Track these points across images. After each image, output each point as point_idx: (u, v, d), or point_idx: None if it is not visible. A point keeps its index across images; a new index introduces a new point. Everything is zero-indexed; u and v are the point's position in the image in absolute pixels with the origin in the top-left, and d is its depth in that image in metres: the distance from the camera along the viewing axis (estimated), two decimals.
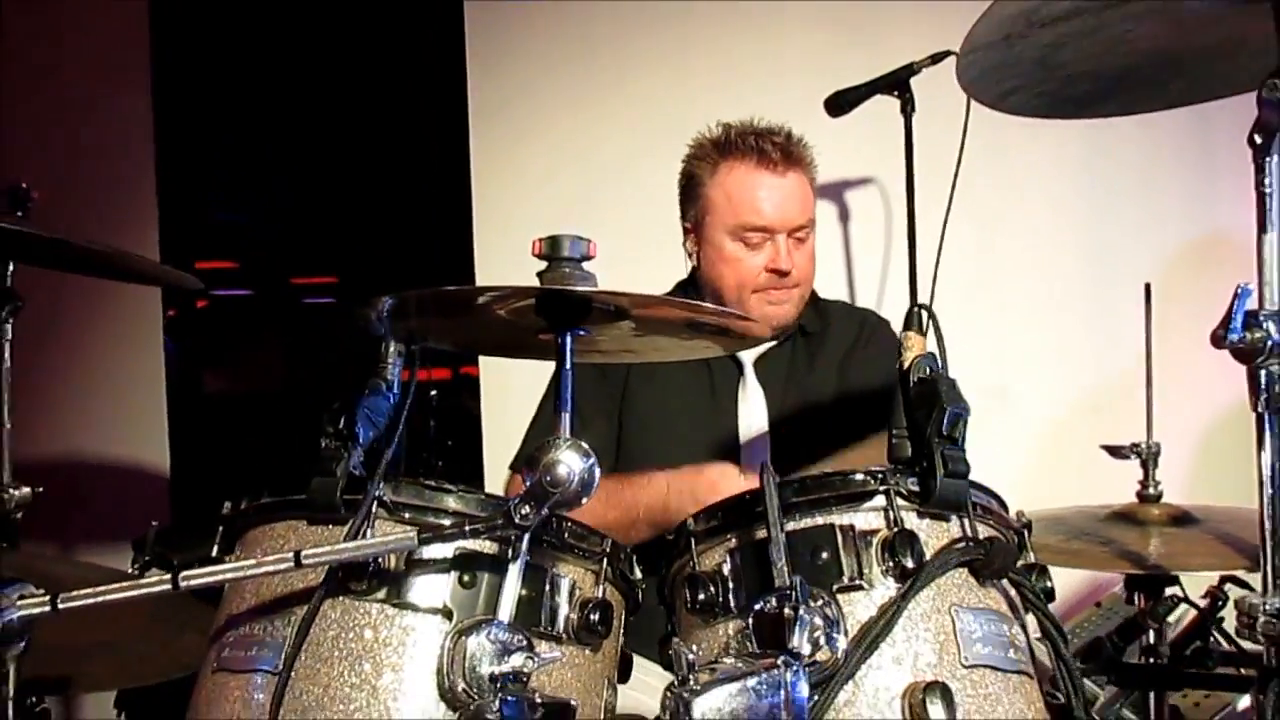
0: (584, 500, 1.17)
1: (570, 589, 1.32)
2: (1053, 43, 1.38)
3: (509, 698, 1.06)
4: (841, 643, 1.18)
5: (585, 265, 1.20)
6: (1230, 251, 2.74)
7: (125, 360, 3.26)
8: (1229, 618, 1.79)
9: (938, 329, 1.37)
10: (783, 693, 1.02)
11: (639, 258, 2.42)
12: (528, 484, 1.17)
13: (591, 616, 1.32)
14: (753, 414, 2.27)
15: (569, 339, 1.21)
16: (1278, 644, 1.26)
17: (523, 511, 1.16)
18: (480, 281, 3.18)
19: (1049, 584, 1.33)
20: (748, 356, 2.29)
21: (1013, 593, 1.30)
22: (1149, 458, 1.76)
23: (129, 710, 2.05)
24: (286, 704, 1.21)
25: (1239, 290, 1.26)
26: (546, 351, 1.26)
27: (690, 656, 1.05)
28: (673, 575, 1.40)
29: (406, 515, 1.28)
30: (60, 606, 1.20)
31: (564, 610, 1.31)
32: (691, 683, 1.03)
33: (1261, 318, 1.26)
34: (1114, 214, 3.04)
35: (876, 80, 2.73)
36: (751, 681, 1.03)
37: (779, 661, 1.06)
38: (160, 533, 1.41)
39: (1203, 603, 1.73)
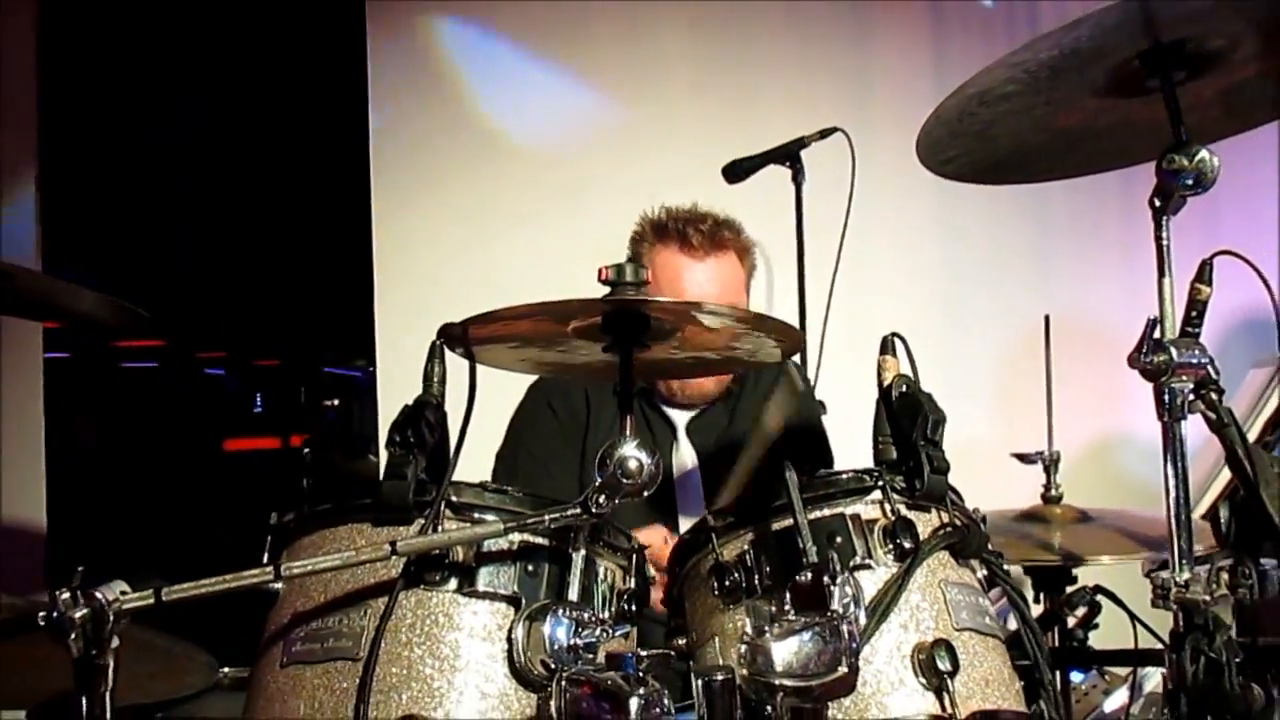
0: (649, 491, 1.35)
1: (610, 579, 1.50)
2: (991, 119, 1.68)
3: (626, 654, 1.22)
4: (861, 612, 1.39)
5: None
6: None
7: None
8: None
9: (909, 352, 1.63)
10: (841, 636, 1.23)
11: None
12: (599, 478, 1.34)
13: (627, 605, 1.50)
14: (688, 477, 2.44)
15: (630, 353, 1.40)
16: (1186, 609, 1.55)
17: (599, 501, 1.34)
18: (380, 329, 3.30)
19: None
20: (680, 419, 2.47)
21: (980, 571, 1.55)
22: (1051, 464, 2.08)
23: None
24: (372, 684, 1.33)
25: (1150, 321, 1.57)
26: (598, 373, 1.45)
27: (769, 610, 1.25)
28: (691, 568, 1.59)
29: (473, 514, 1.43)
30: (165, 599, 1.29)
31: (607, 597, 1.48)
32: (769, 634, 1.23)
33: (1165, 344, 1.57)
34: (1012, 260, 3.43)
35: (770, 151, 3.03)
36: (816, 629, 1.23)
37: (831, 615, 1.27)
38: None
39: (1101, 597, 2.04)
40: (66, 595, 1.23)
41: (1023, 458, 2.05)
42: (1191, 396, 1.59)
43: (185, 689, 1.83)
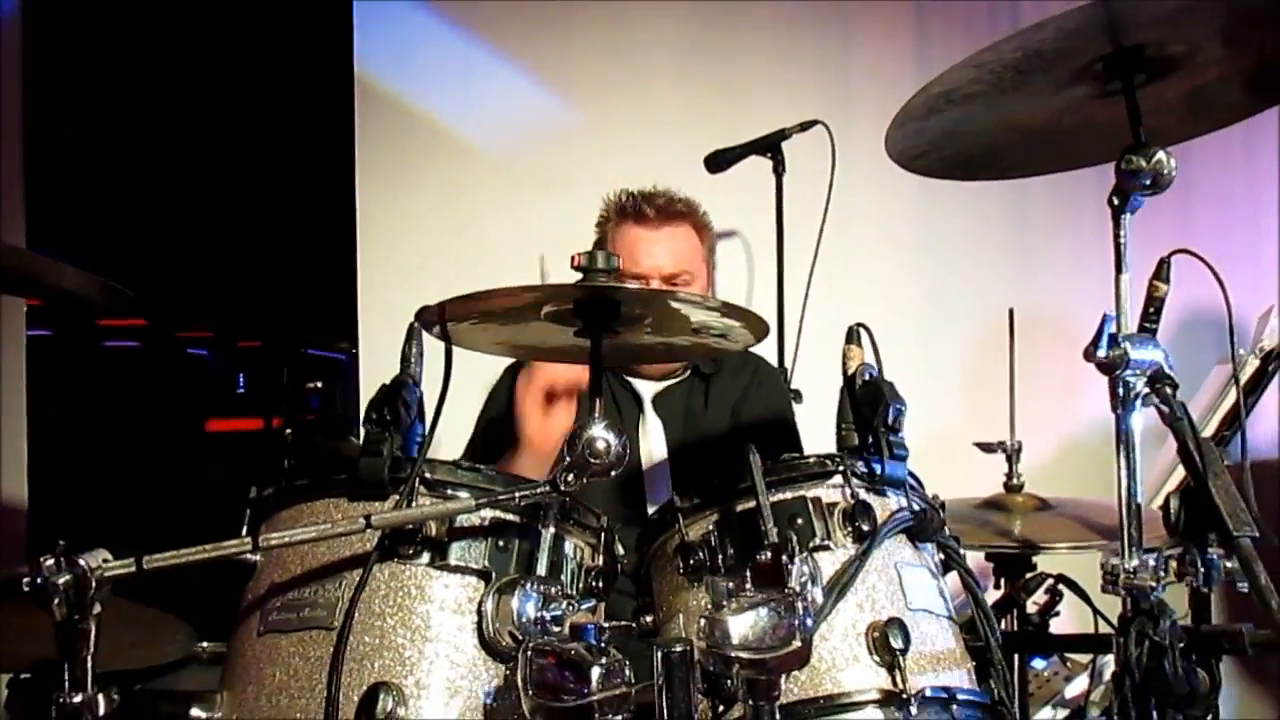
0: (616, 471, 1.40)
1: (579, 556, 1.55)
2: (959, 117, 1.72)
3: (587, 625, 1.27)
4: (818, 590, 1.45)
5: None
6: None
7: None
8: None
9: (873, 343, 1.68)
10: (795, 612, 1.28)
11: None
12: (569, 458, 1.39)
13: (595, 582, 1.55)
14: (652, 445, 2.53)
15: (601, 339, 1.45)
16: (1134, 594, 1.61)
17: (568, 479, 1.39)
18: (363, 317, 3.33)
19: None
20: (646, 391, 2.56)
21: (938, 555, 1.61)
22: (1013, 454, 2.13)
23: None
24: (345, 652, 1.38)
25: (1105, 316, 1.62)
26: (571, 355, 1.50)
27: (726, 586, 1.30)
28: (658, 548, 1.64)
29: (446, 490, 1.48)
30: (145, 567, 1.33)
31: (575, 574, 1.53)
32: (726, 609, 1.28)
33: (1120, 339, 1.62)
34: (988, 254, 3.50)
35: (752, 142, 3.07)
36: (771, 605, 1.28)
37: (787, 592, 1.32)
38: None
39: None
40: (50, 561, 1.27)
41: (985, 447, 2.10)
42: (1146, 390, 1.64)
43: (165, 658, 1.87)
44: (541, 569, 1.44)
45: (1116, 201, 1.65)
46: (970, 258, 3.48)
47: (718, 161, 3.07)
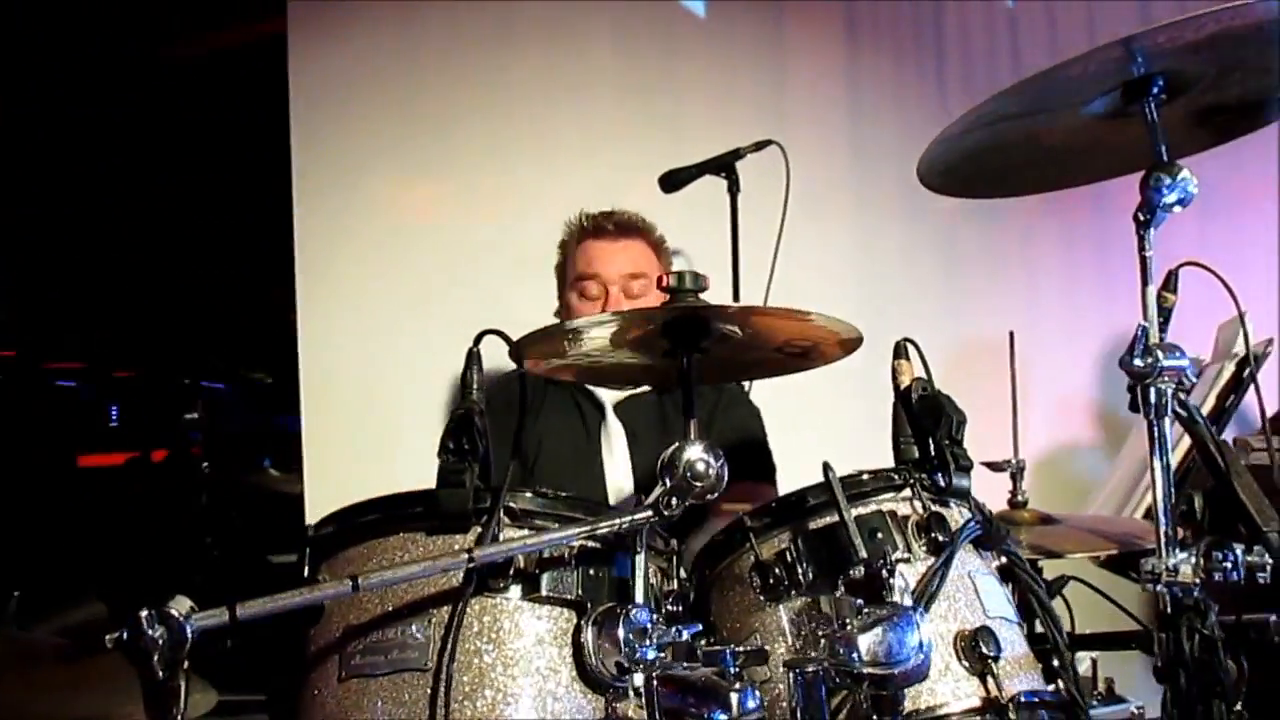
0: (716, 494, 1.39)
1: (657, 581, 1.53)
2: (987, 138, 1.78)
3: (723, 651, 1.25)
4: (908, 600, 1.46)
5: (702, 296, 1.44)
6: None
7: None
8: None
9: (922, 357, 1.71)
10: (916, 626, 1.29)
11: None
12: (669, 481, 1.37)
13: (674, 605, 1.54)
14: (616, 454, 2.57)
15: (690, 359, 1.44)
16: (1173, 590, 1.68)
17: (670, 504, 1.37)
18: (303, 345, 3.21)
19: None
20: (608, 399, 2.60)
21: (996, 561, 1.65)
22: (1017, 472, 2.20)
23: None
24: (445, 694, 1.33)
25: (1141, 327, 1.69)
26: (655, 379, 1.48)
27: (856, 603, 1.30)
28: (724, 569, 1.63)
29: (532, 521, 1.44)
30: (239, 616, 1.25)
31: (657, 598, 1.51)
32: (851, 625, 1.28)
33: (1150, 347, 1.70)
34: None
35: (706, 162, 3.09)
36: (894, 621, 1.29)
37: (902, 608, 1.33)
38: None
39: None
40: (146, 614, 1.18)
41: (993, 466, 2.16)
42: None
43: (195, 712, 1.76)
44: (638, 596, 1.41)
45: (1142, 217, 1.73)
46: (913, 280, 3.57)
47: (672, 181, 3.08)
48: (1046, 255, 3.64)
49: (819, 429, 3.23)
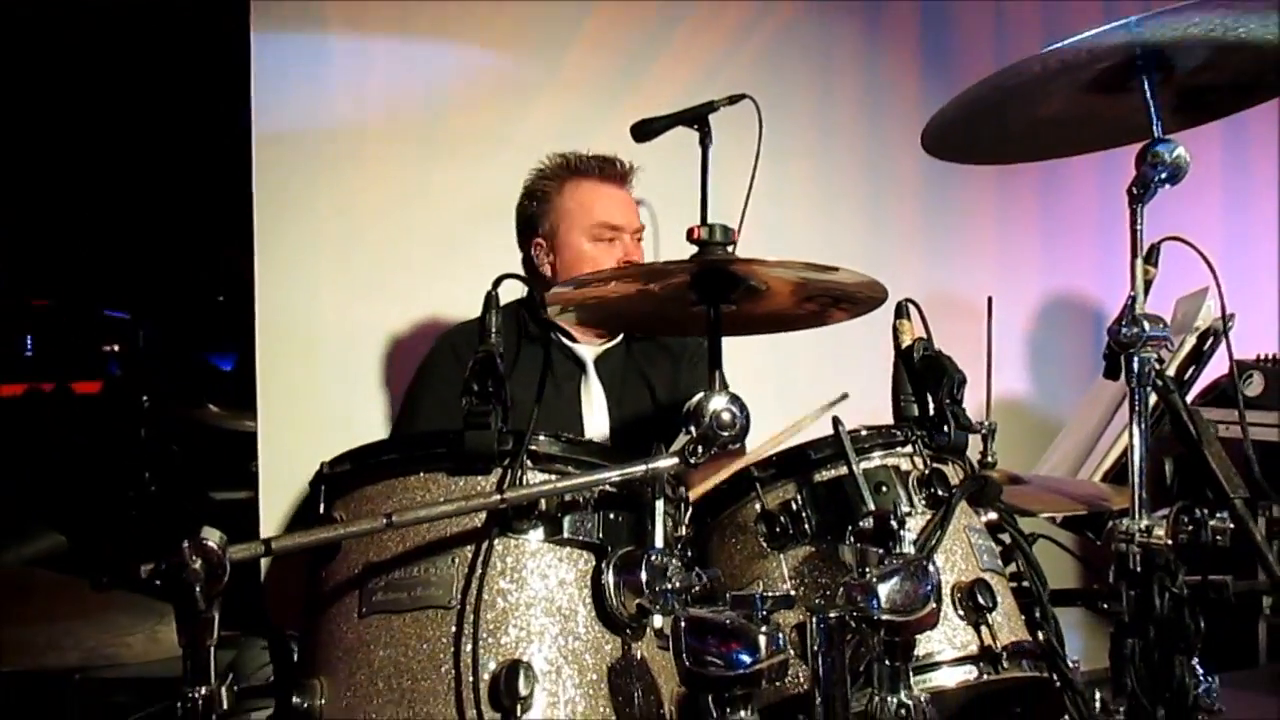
0: (740, 442, 1.42)
1: (671, 526, 1.56)
2: (993, 109, 1.82)
3: (760, 594, 1.29)
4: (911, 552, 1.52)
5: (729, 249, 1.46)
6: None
7: None
8: None
9: (923, 317, 1.76)
10: (930, 576, 1.35)
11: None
12: (695, 430, 1.40)
13: (686, 551, 1.57)
14: (595, 410, 2.56)
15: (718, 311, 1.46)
16: (1146, 550, 1.77)
17: (696, 452, 1.40)
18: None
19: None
20: (589, 355, 2.58)
21: (985, 516, 1.72)
22: (989, 433, 2.27)
23: None
24: (472, 629, 1.35)
25: (1130, 297, 1.76)
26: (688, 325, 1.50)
27: (876, 553, 1.35)
28: (727, 517, 1.67)
29: (555, 465, 1.46)
30: (274, 549, 1.25)
31: (672, 544, 1.54)
32: (869, 575, 1.33)
33: (1137, 317, 1.77)
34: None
35: (679, 113, 3.08)
36: (909, 570, 1.35)
37: (917, 559, 1.38)
38: None
39: None
40: (186, 545, 1.18)
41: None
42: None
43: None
44: (658, 540, 1.45)
45: (1136, 191, 1.79)
46: (905, 239, 3.63)
47: (644, 131, 3.05)
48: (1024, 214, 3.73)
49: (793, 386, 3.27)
